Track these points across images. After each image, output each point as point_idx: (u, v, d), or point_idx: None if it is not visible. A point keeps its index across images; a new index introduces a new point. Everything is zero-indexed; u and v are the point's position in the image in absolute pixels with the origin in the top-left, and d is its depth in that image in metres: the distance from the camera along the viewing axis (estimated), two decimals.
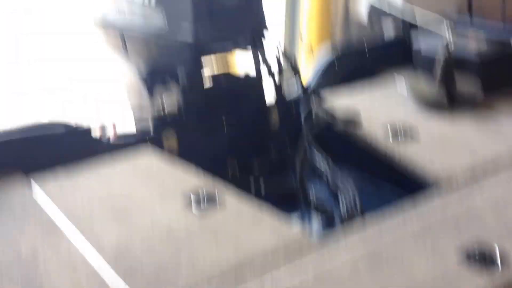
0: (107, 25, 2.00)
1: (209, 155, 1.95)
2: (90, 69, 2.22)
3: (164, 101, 1.87)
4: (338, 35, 4.72)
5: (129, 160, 1.67)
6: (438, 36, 2.19)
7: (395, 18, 2.27)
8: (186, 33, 1.79)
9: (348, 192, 1.84)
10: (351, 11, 4.61)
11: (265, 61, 1.92)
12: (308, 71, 3.55)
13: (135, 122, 2.12)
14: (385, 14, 2.29)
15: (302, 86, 2.08)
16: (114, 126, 2.11)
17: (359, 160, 2.00)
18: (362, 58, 2.33)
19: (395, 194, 1.62)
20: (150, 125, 1.90)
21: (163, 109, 1.84)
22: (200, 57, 1.82)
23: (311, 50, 4.27)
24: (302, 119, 2.08)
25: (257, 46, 1.87)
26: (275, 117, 2.10)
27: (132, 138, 1.85)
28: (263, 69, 1.94)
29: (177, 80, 1.87)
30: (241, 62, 1.98)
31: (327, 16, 4.31)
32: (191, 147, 1.91)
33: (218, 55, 1.88)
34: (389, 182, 1.90)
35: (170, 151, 1.86)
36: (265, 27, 1.92)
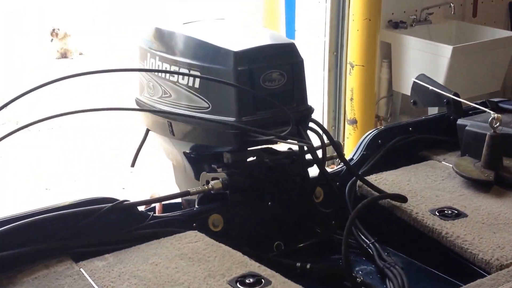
0: (151, 109, 2.05)
1: (254, 233, 1.95)
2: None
3: (210, 179, 1.88)
4: (382, 109, 4.76)
5: (174, 241, 1.68)
6: (483, 113, 2.18)
7: (438, 94, 2.27)
8: (230, 117, 1.83)
9: (395, 271, 1.82)
10: (394, 87, 4.64)
11: (307, 138, 1.93)
12: (352, 146, 3.55)
13: (181, 199, 2.14)
14: (428, 90, 2.29)
15: (345, 161, 2.08)
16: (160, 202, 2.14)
17: (405, 240, 1.97)
18: (405, 132, 2.32)
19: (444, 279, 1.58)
20: (195, 202, 1.91)
21: (208, 188, 1.85)
22: (244, 139, 1.84)
23: (355, 124, 4.29)
24: (346, 195, 2.07)
25: (301, 134, 1.89)
26: (318, 192, 2.09)
27: (177, 215, 1.86)
28: (305, 145, 1.95)
29: (221, 160, 1.90)
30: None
31: (371, 92, 4.34)
32: (236, 225, 1.91)
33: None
34: (437, 266, 1.86)
35: (215, 229, 1.87)
36: (310, 114, 1.94)
